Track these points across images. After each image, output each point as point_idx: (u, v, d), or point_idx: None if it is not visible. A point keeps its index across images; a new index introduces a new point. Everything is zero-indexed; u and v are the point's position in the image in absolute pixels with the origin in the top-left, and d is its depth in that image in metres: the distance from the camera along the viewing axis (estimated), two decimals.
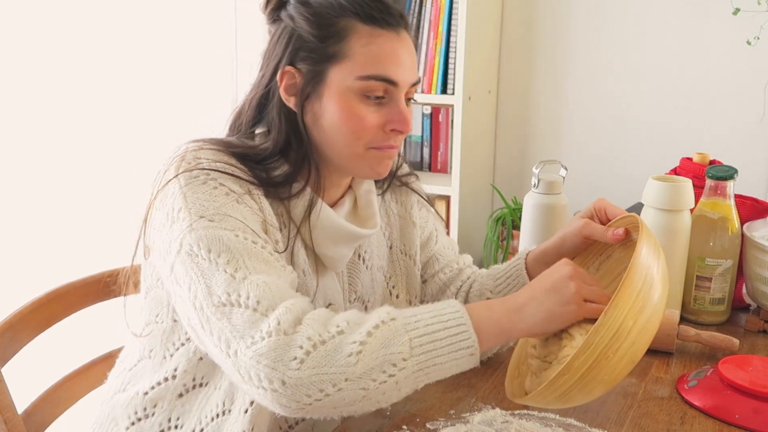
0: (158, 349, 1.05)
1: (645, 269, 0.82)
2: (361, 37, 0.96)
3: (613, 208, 1.02)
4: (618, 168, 2.26)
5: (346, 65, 0.96)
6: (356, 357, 0.80)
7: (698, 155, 1.47)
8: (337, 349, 0.80)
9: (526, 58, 2.30)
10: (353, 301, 1.11)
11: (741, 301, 1.42)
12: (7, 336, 1.11)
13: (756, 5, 1.97)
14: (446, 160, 2.24)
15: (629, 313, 0.79)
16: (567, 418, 1.03)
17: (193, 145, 0.99)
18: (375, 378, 0.80)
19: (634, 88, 2.20)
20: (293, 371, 0.79)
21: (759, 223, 1.36)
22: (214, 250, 0.88)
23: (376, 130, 0.98)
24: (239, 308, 0.84)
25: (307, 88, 0.98)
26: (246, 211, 0.93)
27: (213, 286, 0.86)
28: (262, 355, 0.80)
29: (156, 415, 1.04)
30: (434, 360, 0.83)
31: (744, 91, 2.09)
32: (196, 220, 0.90)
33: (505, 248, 2.14)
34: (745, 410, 1.02)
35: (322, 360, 0.80)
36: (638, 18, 2.15)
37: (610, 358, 0.79)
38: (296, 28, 0.98)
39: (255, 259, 0.89)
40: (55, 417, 1.20)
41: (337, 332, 0.82)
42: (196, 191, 0.92)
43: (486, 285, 1.16)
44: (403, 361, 0.81)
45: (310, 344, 0.80)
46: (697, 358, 1.22)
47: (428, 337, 0.83)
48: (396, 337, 0.82)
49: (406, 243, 1.18)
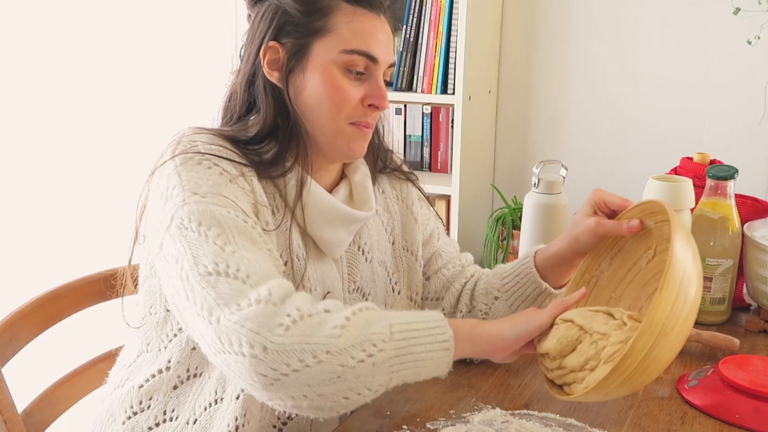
0: (154, 342, 1.05)
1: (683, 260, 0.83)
2: (345, 14, 1.00)
3: (611, 197, 1.03)
4: (618, 168, 2.25)
5: (330, 39, 1.00)
6: (340, 330, 0.82)
7: (698, 155, 1.47)
8: (323, 323, 0.83)
9: (526, 58, 2.30)
10: (352, 292, 1.11)
11: (741, 301, 1.42)
12: (7, 336, 1.11)
13: (756, 5, 1.97)
14: (446, 160, 2.24)
15: (680, 291, 0.81)
16: (567, 418, 1.03)
17: (189, 130, 1.02)
18: (354, 356, 0.82)
19: (635, 88, 2.20)
20: (277, 336, 0.80)
21: (759, 223, 1.36)
22: (205, 223, 0.89)
23: (356, 104, 1.02)
24: (227, 278, 0.85)
25: (291, 62, 1.01)
26: (238, 192, 0.95)
27: (200, 256, 0.87)
28: (248, 319, 0.81)
29: (151, 408, 1.04)
30: (411, 348, 0.85)
31: (744, 91, 2.08)
32: (189, 195, 0.91)
33: (505, 248, 2.13)
34: (745, 410, 1.02)
35: (307, 329, 0.81)
36: (638, 18, 2.15)
37: (668, 334, 0.80)
38: (281, 4, 1.01)
39: (245, 237, 0.90)
40: (55, 417, 1.20)
41: (323, 309, 0.85)
42: (191, 170, 0.94)
43: (493, 284, 1.16)
44: (382, 342, 0.83)
45: (298, 314, 0.82)
46: (697, 358, 1.22)
47: (407, 326, 0.86)
48: (378, 321, 0.85)
49: (408, 239, 1.19)
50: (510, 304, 1.13)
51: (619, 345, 0.86)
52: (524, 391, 1.10)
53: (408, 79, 2.17)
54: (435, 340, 0.86)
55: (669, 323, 0.80)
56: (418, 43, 2.14)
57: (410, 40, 2.14)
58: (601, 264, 1.05)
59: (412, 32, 2.14)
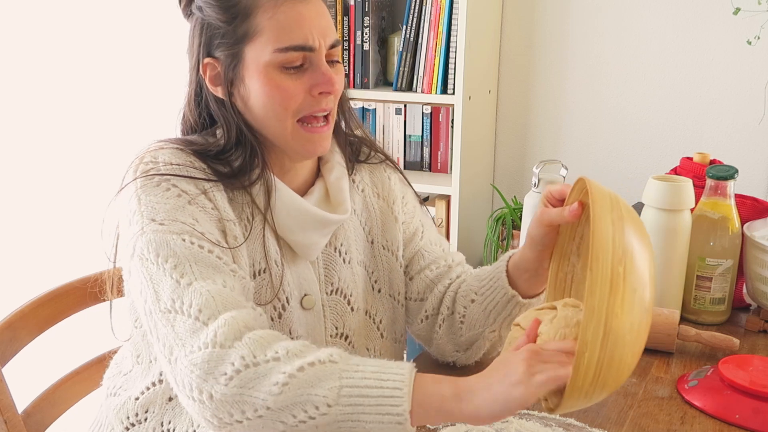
0: (144, 354, 1.05)
1: (609, 238, 0.75)
2: (266, 9, 0.96)
3: (554, 186, 0.98)
4: (618, 168, 2.26)
5: (259, 42, 0.96)
6: (281, 387, 0.79)
7: (698, 155, 1.47)
8: (266, 375, 0.80)
9: (526, 58, 2.30)
10: (331, 293, 1.09)
11: (741, 301, 1.42)
12: (7, 336, 1.11)
13: (756, 5, 1.97)
14: (446, 160, 2.24)
15: (613, 264, 0.74)
16: (567, 418, 1.03)
17: (154, 146, 1.00)
18: (295, 414, 0.79)
19: (635, 88, 2.20)
20: (221, 386, 0.80)
21: (759, 223, 1.36)
22: (162, 254, 0.89)
23: (303, 97, 0.98)
24: (182, 316, 0.85)
25: (229, 74, 0.99)
26: (198, 212, 0.94)
27: (160, 292, 0.87)
28: (196, 365, 0.81)
29: (149, 420, 1.04)
30: (359, 416, 0.79)
31: (744, 91, 2.08)
32: (147, 223, 0.91)
33: (505, 248, 2.13)
34: (745, 410, 1.02)
35: (249, 381, 0.80)
36: (638, 18, 2.15)
37: (618, 313, 0.73)
38: (205, 18, 0.99)
39: (201, 264, 0.89)
40: (54, 417, 1.20)
41: (272, 358, 0.81)
42: (150, 193, 0.94)
43: (471, 287, 1.11)
44: (327, 406, 0.78)
45: (242, 363, 0.80)
46: (697, 358, 1.22)
47: (358, 390, 0.79)
48: (327, 380, 0.79)
49: (388, 238, 1.15)
50: (484, 308, 1.08)
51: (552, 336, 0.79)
52: None
53: (408, 79, 2.17)
54: (386, 412, 0.78)
55: (615, 303, 0.73)
56: (418, 43, 2.14)
57: (410, 40, 2.14)
58: (570, 258, 0.99)
59: (412, 32, 2.14)
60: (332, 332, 1.09)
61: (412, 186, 1.22)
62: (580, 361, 0.74)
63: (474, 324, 1.10)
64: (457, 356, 1.15)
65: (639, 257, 0.77)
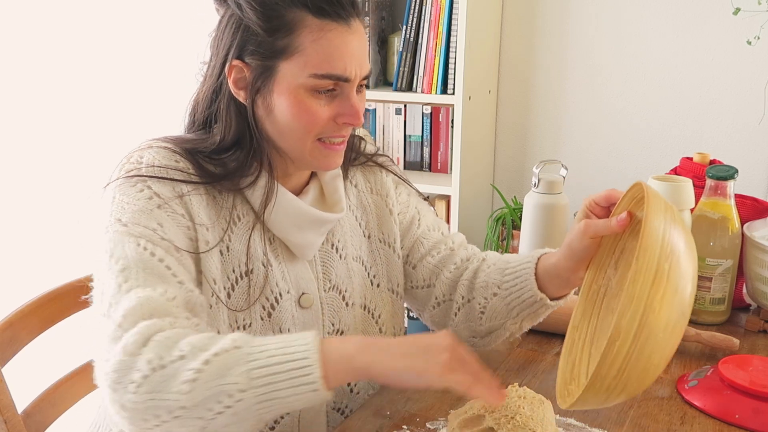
0: None
1: (660, 233, 0.74)
2: (312, 31, 0.94)
3: (598, 194, 0.97)
4: (618, 168, 2.25)
5: (296, 61, 0.95)
6: (190, 385, 0.78)
7: (698, 155, 1.47)
8: (174, 376, 0.78)
9: (526, 58, 2.30)
10: (328, 290, 1.10)
11: (741, 301, 1.42)
12: (7, 336, 1.11)
13: (756, 5, 1.97)
14: (446, 160, 2.24)
15: (660, 262, 0.72)
16: (567, 418, 1.03)
17: (143, 144, 1.00)
18: (210, 408, 0.78)
19: (635, 88, 2.20)
20: (130, 395, 0.79)
21: (759, 223, 1.36)
22: (115, 255, 0.90)
23: (326, 122, 0.98)
24: (109, 320, 0.85)
25: (257, 83, 0.97)
26: (165, 218, 0.94)
27: (105, 293, 0.88)
28: (107, 374, 0.81)
29: None
30: (274, 393, 0.79)
31: (744, 91, 2.08)
32: (112, 222, 0.92)
33: (505, 248, 2.13)
34: (745, 410, 1.02)
35: (157, 386, 0.79)
36: (638, 17, 2.15)
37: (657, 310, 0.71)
38: (243, 18, 0.96)
39: (148, 271, 0.89)
40: (55, 417, 1.20)
41: (178, 356, 0.80)
42: (124, 193, 0.94)
43: (494, 278, 1.10)
44: (240, 392, 0.78)
45: (149, 368, 0.79)
46: (697, 358, 1.22)
47: (267, 369, 0.79)
48: (235, 366, 0.79)
49: (384, 231, 1.16)
50: (507, 303, 1.08)
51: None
52: None
53: (408, 79, 2.17)
54: (300, 383, 0.79)
55: (656, 295, 0.71)
56: (418, 43, 2.14)
57: (410, 40, 2.14)
58: (607, 271, 0.96)
59: (412, 32, 2.14)
60: (329, 329, 1.10)
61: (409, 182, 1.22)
62: (609, 349, 0.71)
63: (495, 316, 1.10)
64: (473, 341, 1.15)
65: (685, 261, 0.75)
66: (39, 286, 1.22)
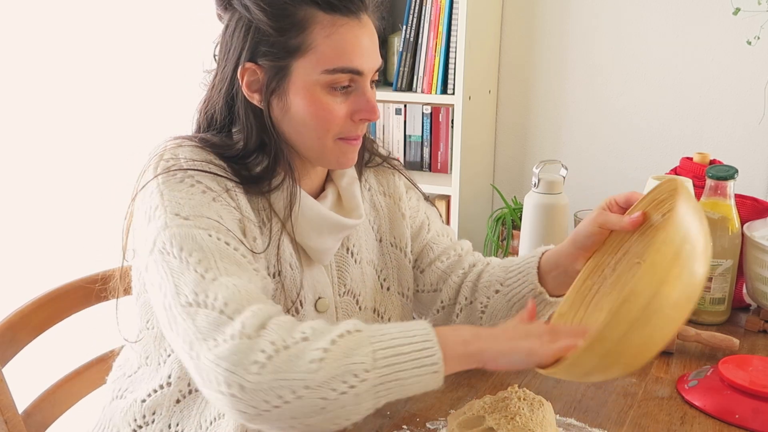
0: (153, 356, 1.04)
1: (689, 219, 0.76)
2: (324, 27, 0.94)
3: (621, 196, 0.98)
4: (618, 167, 2.25)
5: (309, 58, 0.95)
6: (318, 364, 0.78)
7: (698, 155, 1.47)
8: (300, 355, 0.78)
9: (526, 58, 2.30)
10: (343, 295, 1.10)
11: (741, 301, 1.42)
12: (7, 336, 1.11)
13: (756, 5, 1.97)
14: (446, 160, 2.24)
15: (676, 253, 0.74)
16: (567, 418, 1.03)
17: (172, 143, 0.98)
18: (335, 388, 0.78)
19: (635, 88, 2.20)
20: (253, 375, 0.77)
21: (759, 223, 1.36)
22: (186, 248, 0.87)
23: (344, 120, 0.98)
24: (205, 309, 0.83)
25: (272, 84, 0.97)
26: (222, 210, 0.93)
27: (181, 285, 0.85)
28: (223, 358, 0.79)
29: (156, 422, 1.03)
30: (397, 374, 0.80)
31: (744, 91, 2.08)
32: (171, 218, 0.89)
33: (505, 248, 2.13)
34: (745, 410, 1.02)
35: (283, 365, 0.78)
36: (638, 17, 2.15)
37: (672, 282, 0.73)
38: (253, 20, 0.95)
39: (227, 260, 0.88)
40: (55, 417, 1.20)
41: (301, 338, 0.80)
42: (173, 189, 0.92)
43: (497, 276, 1.12)
44: (365, 372, 0.78)
45: (273, 348, 0.78)
46: (697, 358, 1.22)
47: (392, 350, 0.80)
48: (360, 347, 0.79)
49: (396, 235, 1.16)
50: (508, 300, 1.10)
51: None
52: None
53: (408, 79, 2.17)
54: (422, 364, 0.80)
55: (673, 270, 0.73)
56: (418, 43, 2.14)
57: (410, 40, 2.14)
58: (604, 271, 0.98)
59: (412, 32, 2.14)
60: None
61: (418, 187, 1.23)
62: (621, 307, 0.72)
63: (496, 314, 1.11)
64: None
65: (702, 255, 0.77)
66: (39, 286, 1.22)
